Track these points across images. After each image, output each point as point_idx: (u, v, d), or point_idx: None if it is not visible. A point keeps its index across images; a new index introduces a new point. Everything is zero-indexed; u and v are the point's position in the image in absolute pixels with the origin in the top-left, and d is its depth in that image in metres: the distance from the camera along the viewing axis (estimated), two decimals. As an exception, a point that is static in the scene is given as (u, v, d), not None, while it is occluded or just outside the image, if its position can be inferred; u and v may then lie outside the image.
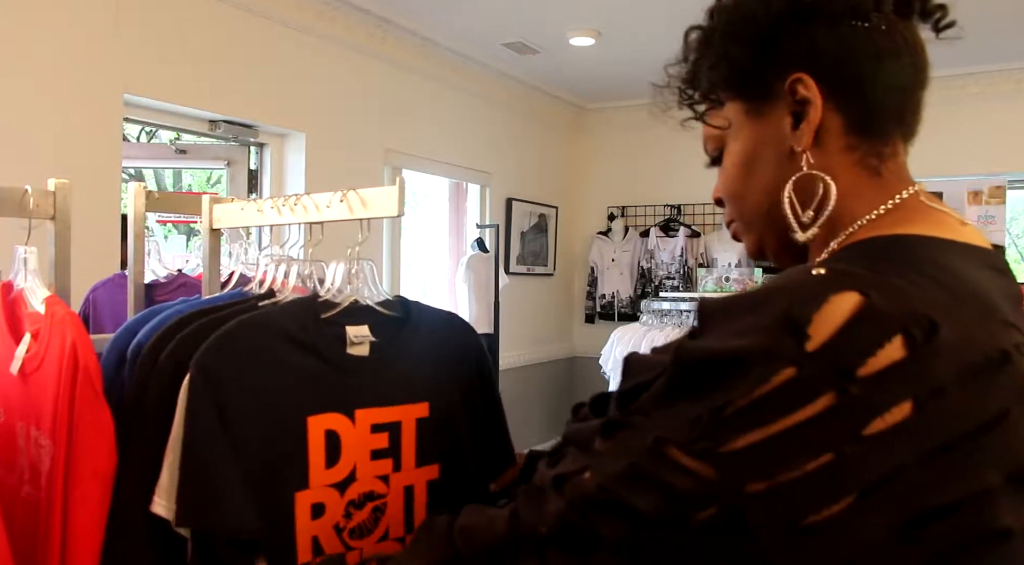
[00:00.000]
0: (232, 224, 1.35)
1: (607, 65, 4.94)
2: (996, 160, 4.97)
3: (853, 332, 0.56)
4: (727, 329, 0.60)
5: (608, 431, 0.63)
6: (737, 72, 0.75)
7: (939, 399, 0.56)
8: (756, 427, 0.56)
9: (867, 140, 0.73)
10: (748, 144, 0.77)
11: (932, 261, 0.65)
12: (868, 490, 0.55)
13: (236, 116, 3.56)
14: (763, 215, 0.79)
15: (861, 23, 0.71)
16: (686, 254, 5.66)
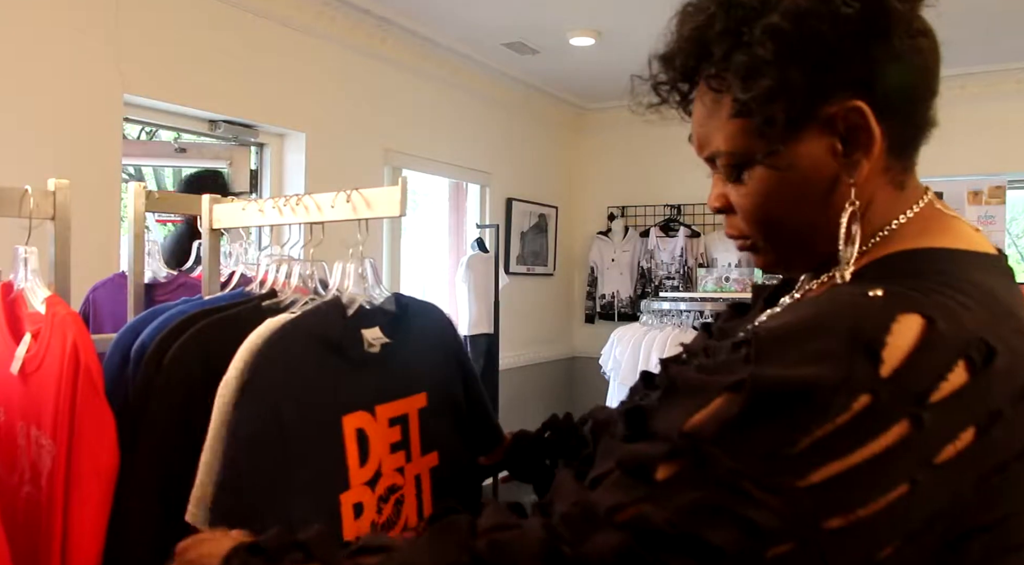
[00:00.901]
0: (233, 224, 1.35)
1: (607, 65, 4.93)
2: (996, 160, 4.96)
3: (923, 357, 0.56)
4: (795, 354, 0.58)
5: (673, 458, 0.58)
6: (789, 95, 0.67)
7: (998, 422, 0.56)
8: (834, 459, 0.54)
9: (901, 160, 0.72)
10: (790, 169, 0.70)
11: (965, 277, 0.65)
12: (934, 517, 0.55)
13: (236, 116, 3.56)
14: (801, 242, 0.74)
15: (909, 36, 0.67)
16: (686, 254, 5.65)
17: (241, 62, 3.51)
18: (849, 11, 0.64)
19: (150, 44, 3.14)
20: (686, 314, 4.22)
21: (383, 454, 1.10)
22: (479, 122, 5.16)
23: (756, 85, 0.68)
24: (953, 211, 0.74)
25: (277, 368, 0.98)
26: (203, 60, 3.35)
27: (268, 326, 1.01)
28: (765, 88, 0.67)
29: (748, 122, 0.70)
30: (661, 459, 0.59)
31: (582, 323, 6.14)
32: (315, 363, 1.04)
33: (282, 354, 0.99)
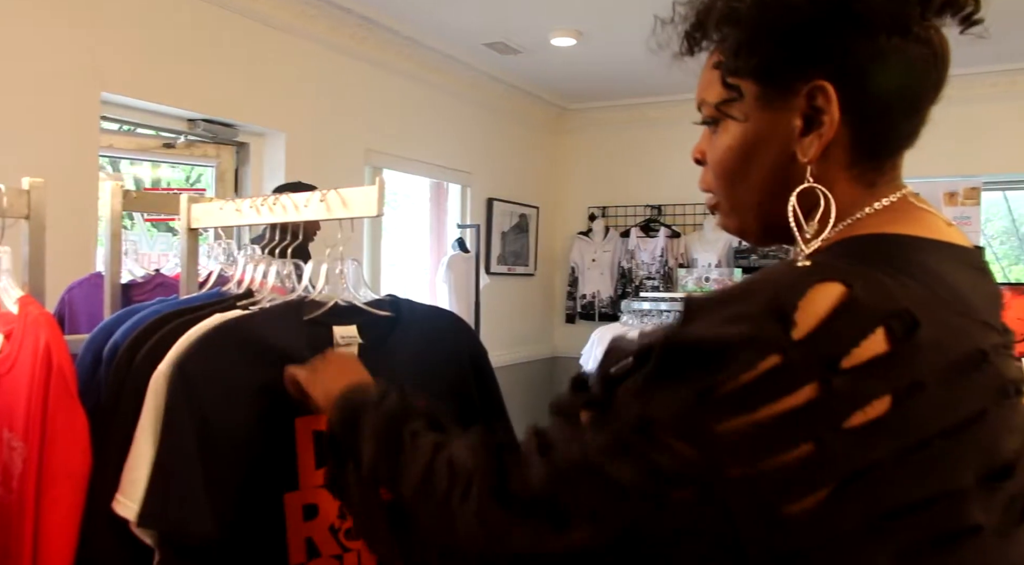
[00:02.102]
0: (210, 223, 1.34)
1: (588, 65, 4.94)
2: (971, 162, 5.02)
3: (837, 322, 0.56)
4: (714, 318, 0.60)
5: (595, 406, 0.64)
6: (762, 62, 0.69)
7: (918, 395, 0.56)
8: (740, 413, 0.56)
9: (871, 159, 0.71)
10: (751, 132, 0.72)
11: (914, 260, 0.65)
12: (845, 482, 0.55)
13: (216, 115, 3.53)
14: (753, 206, 0.76)
15: (900, 37, 0.66)
16: (666, 254, 5.67)
17: (221, 60, 3.49)
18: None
19: (128, 41, 3.11)
20: (666, 314, 4.24)
21: None
22: (460, 122, 5.16)
23: (730, 36, 0.70)
24: (931, 207, 0.73)
25: (208, 366, 0.99)
26: (182, 58, 3.32)
27: (215, 326, 1.01)
28: (735, 40, 0.70)
29: (722, 72, 0.72)
30: (582, 404, 0.65)
31: (563, 323, 6.15)
32: (260, 364, 1.03)
33: (218, 353, 1.00)
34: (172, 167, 3.89)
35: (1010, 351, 0.67)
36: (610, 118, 5.99)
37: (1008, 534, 0.62)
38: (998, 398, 0.61)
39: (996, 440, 0.61)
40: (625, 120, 5.85)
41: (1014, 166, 5.01)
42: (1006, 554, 0.62)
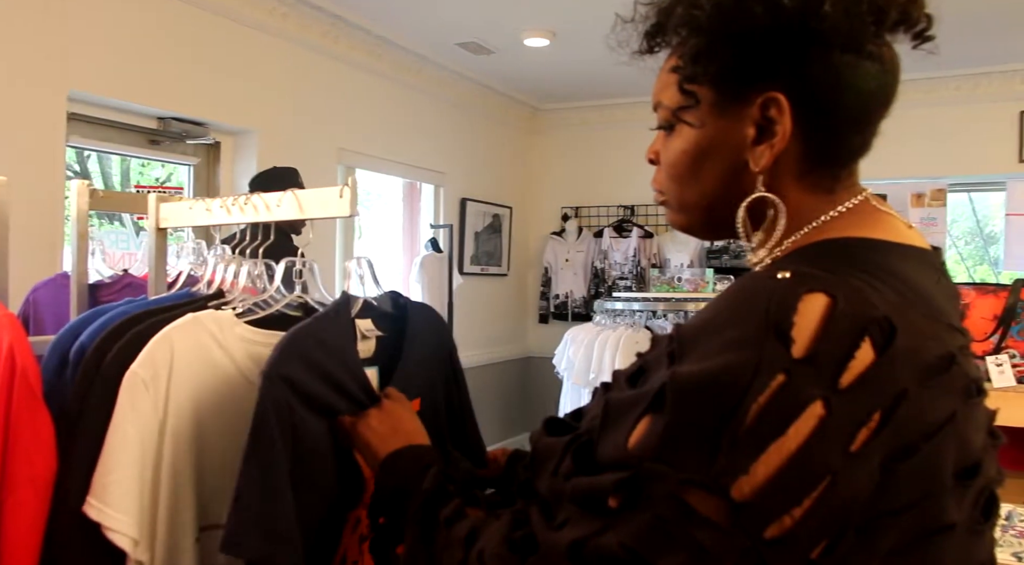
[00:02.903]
0: (180, 223, 1.32)
1: (561, 66, 4.95)
2: (937, 164, 5.10)
3: (829, 336, 0.56)
4: (711, 347, 0.59)
5: (622, 483, 0.59)
6: (718, 70, 0.71)
7: (904, 403, 0.56)
8: (762, 450, 0.55)
9: (825, 170, 0.72)
10: (705, 138, 0.73)
11: (881, 263, 0.66)
12: (855, 505, 0.56)
13: (186, 113, 3.49)
14: (702, 207, 0.77)
15: (854, 54, 0.68)
16: (639, 255, 5.70)
17: (192, 59, 3.45)
18: (786, 2, 0.66)
19: (97, 38, 3.07)
20: (639, 314, 4.25)
21: None
22: (433, 122, 5.14)
23: (689, 41, 0.71)
24: (891, 209, 0.74)
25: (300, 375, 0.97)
26: (152, 56, 3.28)
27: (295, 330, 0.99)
28: (694, 46, 0.71)
29: (679, 77, 0.73)
30: (610, 486, 0.60)
31: (536, 323, 6.16)
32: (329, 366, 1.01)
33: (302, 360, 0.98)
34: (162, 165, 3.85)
35: (970, 351, 0.69)
36: (583, 118, 6.01)
37: (977, 530, 0.64)
38: (965, 398, 0.62)
39: (966, 439, 0.62)
40: (598, 120, 5.87)
41: (978, 168, 5.09)
42: (975, 550, 0.64)
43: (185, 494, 1.01)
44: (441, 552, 0.77)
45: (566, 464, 0.67)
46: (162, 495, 0.99)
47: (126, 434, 0.96)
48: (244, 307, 1.13)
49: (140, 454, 0.97)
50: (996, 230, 5.63)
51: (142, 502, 0.96)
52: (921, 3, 0.71)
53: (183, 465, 1.01)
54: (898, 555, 0.57)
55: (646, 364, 0.67)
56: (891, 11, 0.68)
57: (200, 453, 1.02)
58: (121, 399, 0.97)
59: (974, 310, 2.26)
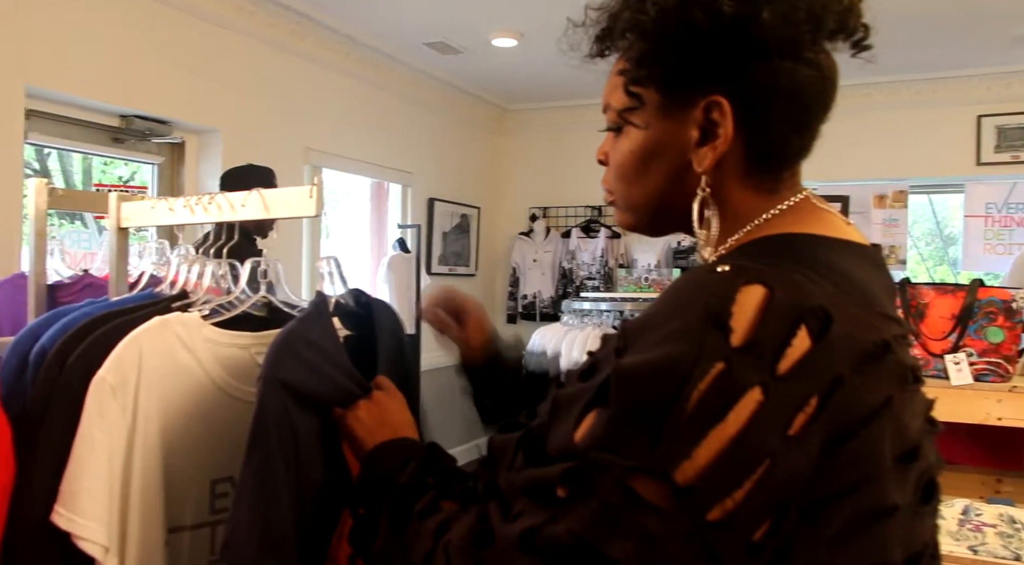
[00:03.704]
0: (142, 223, 1.30)
1: (529, 66, 4.96)
2: (899, 166, 5.19)
3: (766, 325, 0.58)
4: (653, 339, 0.60)
5: (569, 473, 0.60)
6: (662, 73, 0.73)
7: (840, 389, 0.58)
8: (703, 436, 0.56)
9: (767, 171, 0.74)
10: (651, 139, 0.76)
11: (820, 257, 0.68)
12: (795, 489, 0.57)
13: (150, 111, 3.44)
14: (649, 207, 0.79)
15: (792, 60, 0.70)
16: (607, 255, 5.73)
17: (156, 55, 3.40)
18: (726, 9, 0.68)
19: (56, 32, 3.01)
20: (607, 314, 4.27)
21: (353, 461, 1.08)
22: (401, 122, 5.12)
23: (635, 45, 0.74)
24: (830, 207, 0.77)
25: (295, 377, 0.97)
26: (114, 52, 3.23)
27: (286, 331, 0.97)
28: (639, 50, 0.73)
29: (626, 80, 0.75)
30: (558, 477, 0.61)
31: (504, 323, 6.16)
32: (319, 366, 1.00)
33: (296, 361, 0.97)
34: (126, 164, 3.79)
35: (907, 341, 0.71)
36: (551, 119, 6.02)
37: (918, 512, 0.67)
38: (901, 384, 0.64)
39: (903, 424, 0.64)
40: (566, 121, 5.88)
41: (938, 170, 5.19)
42: (916, 531, 0.67)
43: (155, 498, 1.00)
44: (412, 542, 0.78)
45: (518, 458, 0.69)
46: (132, 501, 0.97)
47: (94, 441, 0.94)
48: (210, 308, 1.11)
49: (109, 461, 0.95)
50: (955, 231, 5.75)
51: (112, 509, 0.95)
52: (858, 13, 0.73)
53: (153, 470, 0.99)
54: (844, 538, 0.59)
55: (597, 362, 0.69)
56: (828, 20, 0.70)
57: (168, 456, 1.01)
58: (88, 405, 0.95)
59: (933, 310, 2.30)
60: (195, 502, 1.06)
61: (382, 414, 1.00)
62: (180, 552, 1.04)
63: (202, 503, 1.06)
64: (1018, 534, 2.02)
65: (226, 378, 1.07)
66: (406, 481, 0.86)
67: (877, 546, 0.61)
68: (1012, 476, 2.44)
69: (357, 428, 0.98)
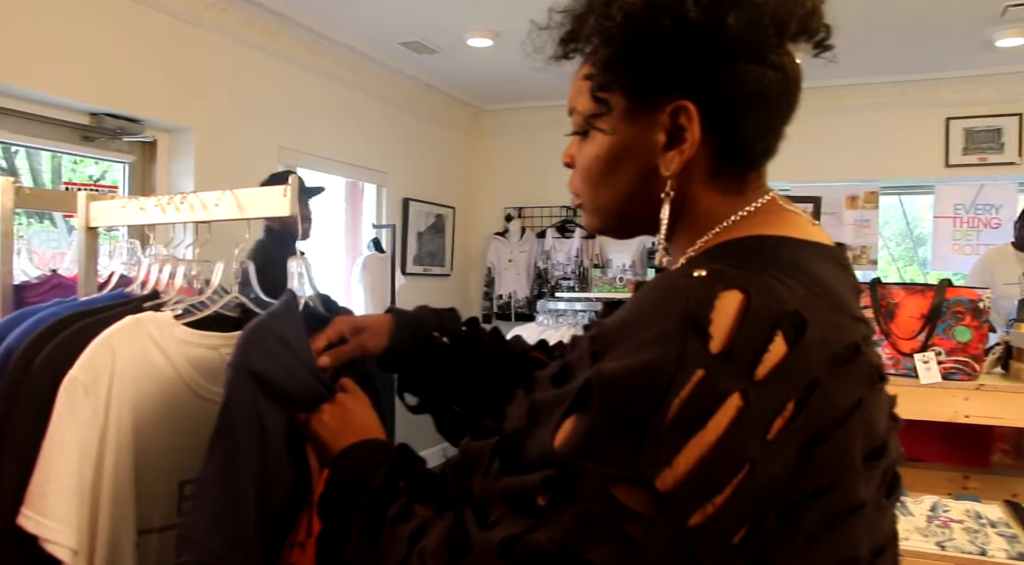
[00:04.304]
0: (112, 223, 1.29)
1: (505, 66, 4.96)
2: (871, 167, 5.26)
3: (744, 331, 0.59)
4: (632, 344, 0.60)
5: (550, 480, 0.60)
6: (629, 78, 0.73)
7: (815, 392, 0.59)
8: (683, 444, 0.56)
9: (733, 173, 0.75)
10: (618, 143, 0.76)
11: (789, 259, 0.69)
12: (773, 493, 0.58)
13: (121, 109, 3.41)
14: (615, 210, 0.80)
15: (758, 64, 0.70)
16: (582, 255, 5.75)
17: (126, 53, 3.36)
18: (692, 15, 0.69)
19: (24, 29, 2.97)
20: (582, 314, 4.29)
21: (315, 464, 1.06)
22: (376, 121, 5.11)
23: (601, 50, 0.74)
24: (797, 208, 0.78)
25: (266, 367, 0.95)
26: (84, 49, 3.19)
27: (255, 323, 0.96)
28: (605, 55, 0.73)
29: (592, 85, 0.76)
30: (538, 485, 0.60)
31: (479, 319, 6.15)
32: (290, 368, 0.99)
33: (265, 354, 0.95)
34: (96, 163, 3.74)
35: (873, 341, 0.72)
36: (526, 119, 6.03)
37: (882, 507, 0.68)
38: (870, 384, 0.65)
39: (872, 423, 0.65)
40: (541, 121, 5.89)
41: (908, 172, 5.27)
42: (880, 526, 0.68)
43: (126, 500, 0.98)
44: (385, 548, 0.77)
45: (495, 465, 0.68)
46: (103, 503, 0.96)
47: (64, 442, 0.93)
48: (182, 308, 1.10)
49: (79, 462, 0.94)
50: (925, 232, 5.83)
51: (81, 511, 0.94)
52: (820, 15, 0.74)
53: (124, 471, 0.98)
54: (817, 537, 0.60)
55: (569, 364, 0.69)
56: (791, 23, 0.71)
57: (139, 458, 1.00)
58: (59, 405, 0.94)
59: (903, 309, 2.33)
60: (164, 504, 1.04)
61: (346, 416, 0.98)
62: (148, 554, 1.02)
63: (171, 505, 1.05)
64: (984, 530, 2.05)
65: (197, 379, 1.06)
66: (378, 485, 0.84)
67: (847, 542, 0.62)
68: (979, 473, 2.47)
69: (322, 432, 0.96)
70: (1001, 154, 5.04)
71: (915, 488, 2.28)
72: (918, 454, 2.45)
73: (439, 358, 1.15)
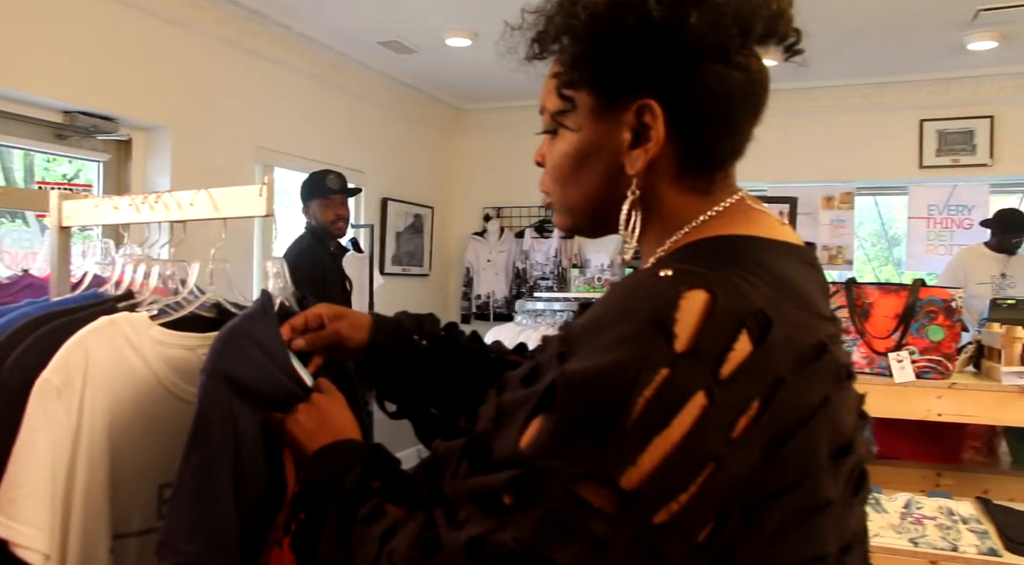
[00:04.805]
0: (85, 222, 1.27)
1: (483, 66, 4.96)
2: (847, 168, 5.31)
3: (709, 330, 0.59)
4: (598, 345, 0.61)
5: (516, 480, 0.60)
6: (594, 76, 0.74)
7: (780, 390, 0.60)
8: (648, 442, 0.57)
9: (699, 172, 0.75)
10: (585, 141, 0.77)
11: (757, 259, 0.69)
12: (737, 491, 0.58)
13: (95, 107, 3.37)
14: (584, 209, 0.80)
15: (722, 64, 0.71)
16: (560, 255, 5.76)
17: (100, 51, 3.33)
18: (655, 14, 0.69)
19: (-5, 27, 2.93)
20: (560, 314, 4.29)
21: (292, 469, 1.05)
22: (355, 121, 5.09)
23: (567, 48, 0.75)
24: (765, 208, 0.78)
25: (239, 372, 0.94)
26: (57, 46, 3.15)
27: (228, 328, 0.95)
28: (571, 53, 0.74)
29: (558, 83, 0.77)
30: (505, 484, 0.61)
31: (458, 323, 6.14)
32: (265, 369, 0.98)
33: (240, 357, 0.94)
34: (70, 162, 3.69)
35: (841, 339, 0.73)
36: (505, 119, 6.03)
37: (849, 504, 0.68)
38: (837, 382, 0.66)
39: (839, 421, 0.66)
40: (520, 121, 5.89)
41: (883, 173, 5.33)
42: (847, 522, 0.68)
43: (99, 504, 0.97)
44: (356, 548, 0.77)
45: (463, 465, 0.68)
46: (75, 507, 0.94)
47: (37, 445, 0.92)
48: (157, 309, 1.09)
49: (52, 465, 0.92)
50: (899, 232, 5.89)
51: (54, 515, 0.92)
52: (788, 18, 0.74)
53: (98, 475, 0.97)
54: (783, 534, 0.60)
55: (539, 365, 0.69)
56: (756, 25, 0.71)
57: (114, 461, 0.99)
58: (32, 407, 0.92)
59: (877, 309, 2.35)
60: (142, 507, 1.03)
61: (322, 416, 0.98)
62: (127, 559, 1.01)
63: (149, 508, 1.04)
64: (956, 526, 2.08)
65: (174, 380, 1.05)
66: (352, 485, 0.84)
67: (813, 540, 0.63)
68: (951, 470, 2.51)
69: (297, 432, 0.96)
70: (973, 156, 5.11)
71: (889, 485, 2.31)
72: (892, 452, 2.48)
73: (418, 360, 1.14)
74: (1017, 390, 2.12)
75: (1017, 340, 2.18)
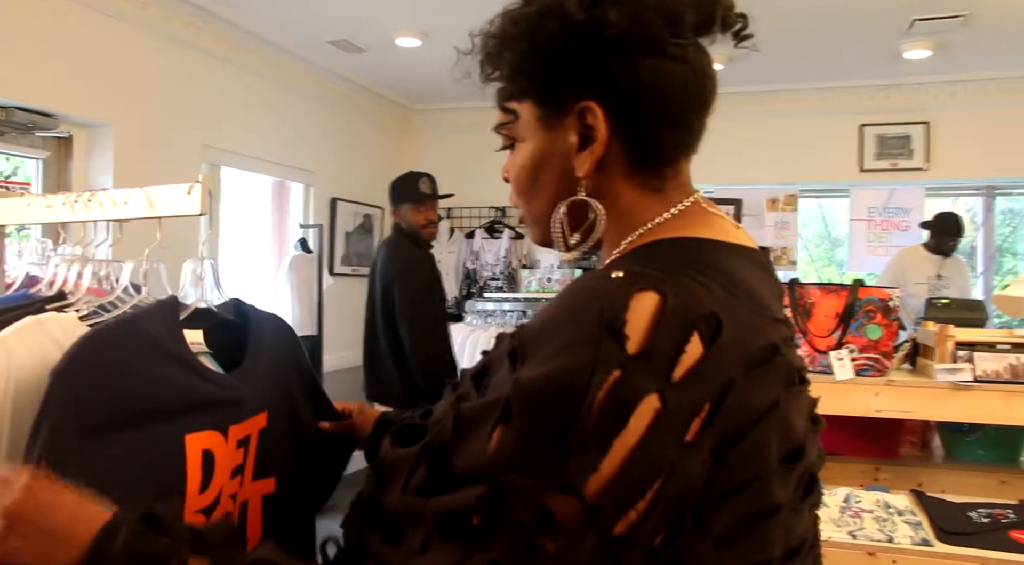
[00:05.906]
0: (18, 221, 1.24)
1: (433, 66, 4.95)
2: (791, 171, 5.42)
3: (660, 332, 0.59)
4: (550, 350, 0.60)
5: (482, 498, 0.59)
6: (531, 85, 0.75)
7: (731, 393, 0.60)
8: (610, 440, 0.56)
9: (649, 168, 0.75)
10: (537, 151, 0.77)
11: (711, 261, 0.69)
12: (690, 493, 0.58)
13: (33, 103, 3.28)
14: (544, 215, 0.80)
15: (655, 57, 0.71)
16: (510, 255, 5.77)
17: (39, 44, 3.24)
18: (576, 16, 0.70)
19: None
20: (510, 314, 4.31)
21: (224, 479, 1.01)
22: (304, 120, 5.04)
23: (503, 60, 0.76)
24: (720, 211, 0.79)
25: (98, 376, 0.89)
26: (-9, 41, 3.06)
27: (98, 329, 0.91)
28: (508, 66, 0.76)
29: (502, 97, 0.78)
30: (473, 505, 0.59)
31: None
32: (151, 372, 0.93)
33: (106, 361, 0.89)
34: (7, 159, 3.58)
35: (794, 342, 0.74)
36: (455, 120, 6.02)
37: (798, 509, 0.69)
38: (788, 386, 0.66)
39: (790, 425, 0.66)
40: (470, 122, 5.90)
41: (825, 176, 5.45)
42: (795, 526, 0.69)
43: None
44: None
45: (419, 475, 0.66)
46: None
47: None
48: (88, 309, 1.07)
49: None
50: (841, 234, 6.03)
51: None
52: (724, 3, 0.75)
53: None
54: (730, 537, 0.61)
55: (490, 362, 0.69)
56: (685, 14, 0.72)
57: (39, 463, 0.96)
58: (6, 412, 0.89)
59: (819, 309, 2.40)
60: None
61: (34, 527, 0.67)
62: None
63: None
64: (892, 518, 2.14)
65: (106, 381, 1.03)
66: None
67: (760, 545, 0.63)
68: (889, 464, 2.58)
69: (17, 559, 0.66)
70: (911, 160, 5.26)
71: (831, 481, 2.36)
72: (833, 447, 2.54)
73: None
74: (950, 386, 2.19)
75: (950, 338, 2.24)
